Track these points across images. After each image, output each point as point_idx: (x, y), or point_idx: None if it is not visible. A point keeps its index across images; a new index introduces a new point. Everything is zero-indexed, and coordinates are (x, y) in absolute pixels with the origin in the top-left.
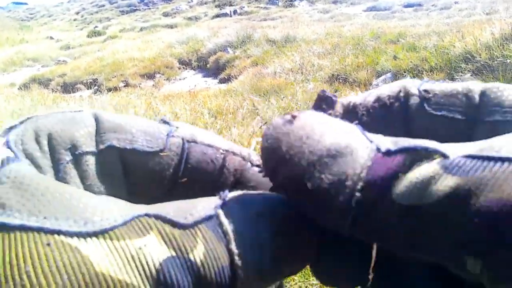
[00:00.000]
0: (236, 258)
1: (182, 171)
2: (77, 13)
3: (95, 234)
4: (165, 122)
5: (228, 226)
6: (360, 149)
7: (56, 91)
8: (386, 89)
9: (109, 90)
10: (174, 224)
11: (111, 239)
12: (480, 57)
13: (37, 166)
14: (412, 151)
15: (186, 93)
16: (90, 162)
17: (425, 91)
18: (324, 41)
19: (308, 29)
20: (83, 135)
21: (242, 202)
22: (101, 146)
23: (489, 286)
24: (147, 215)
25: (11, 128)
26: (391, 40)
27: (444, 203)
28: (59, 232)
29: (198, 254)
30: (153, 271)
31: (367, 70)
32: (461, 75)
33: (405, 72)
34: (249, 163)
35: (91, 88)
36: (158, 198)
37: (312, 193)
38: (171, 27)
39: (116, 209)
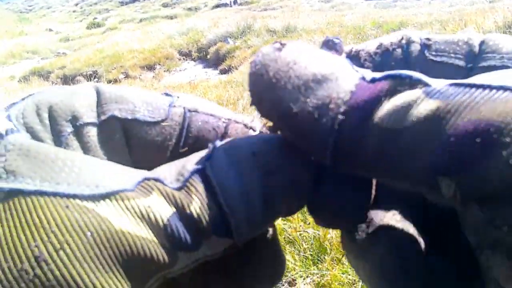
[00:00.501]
0: (225, 208)
1: (184, 140)
2: (76, 4)
3: (107, 195)
4: (167, 94)
5: (213, 178)
6: (346, 76)
7: (56, 84)
8: (388, 37)
9: (109, 82)
10: (168, 185)
11: (122, 200)
12: None
13: (39, 139)
14: (397, 78)
15: (186, 84)
16: (92, 133)
17: (427, 39)
18: (325, 30)
19: (309, 19)
20: (83, 106)
21: (229, 149)
22: (103, 117)
23: (461, 208)
24: (147, 178)
25: (13, 104)
26: (393, 29)
27: (423, 125)
28: (74, 196)
29: (194, 208)
30: (161, 225)
31: None
32: None
33: None
34: (251, 130)
35: (91, 80)
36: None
37: (296, 117)
38: (171, 18)
39: (121, 174)
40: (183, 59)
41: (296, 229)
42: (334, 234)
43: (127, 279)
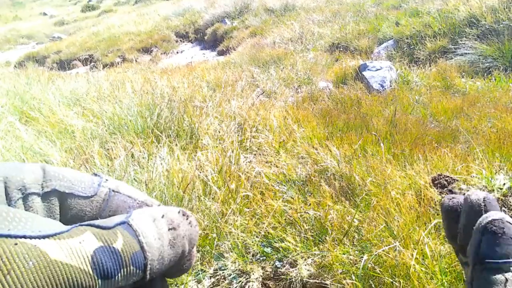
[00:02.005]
0: (144, 245)
1: (104, 212)
2: None
3: (48, 236)
4: (96, 175)
5: (136, 226)
6: None
7: (52, 69)
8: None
9: (106, 65)
10: (100, 227)
11: (59, 239)
12: (485, 21)
13: None
14: None
15: (183, 66)
16: (36, 201)
17: None
18: (324, 8)
19: None
20: (31, 180)
21: (145, 211)
22: (46, 189)
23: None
24: (81, 224)
25: None
26: (393, 5)
27: None
28: (22, 236)
29: (119, 244)
30: (89, 256)
31: (369, 38)
32: (464, 40)
33: (407, 38)
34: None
35: (87, 64)
36: None
37: None
38: None
39: (58, 225)
40: (180, 41)
41: (297, 211)
42: (335, 215)
43: None
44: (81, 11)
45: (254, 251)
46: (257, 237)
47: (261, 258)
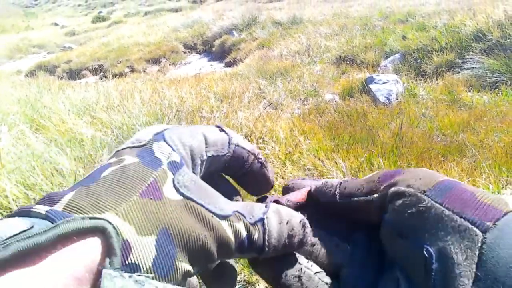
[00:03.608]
0: (266, 242)
1: (229, 162)
2: None
3: (225, 217)
4: (220, 129)
5: (267, 225)
6: None
7: (62, 78)
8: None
9: (115, 75)
10: (248, 222)
11: (230, 221)
12: (492, 35)
13: (185, 162)
14: None
15: (191, 77)
16: (201, 165)
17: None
18: (331, 22)
19: (315, 10)
20: (204, 149)
21: (276, 212)
22: (208, 154)
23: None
24: (237, 211)
25: (157, 134)
26: (400, 19)
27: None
28: (214, 213)
29: (255, 237)
30: (240, 239)
31: (375, 51)
32: (471, 55)
33: (414, 52)
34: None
35: (96, 74)
36: (217, 171)
37: None
38: (176, 10)
39: (226, 202)
40: (188, 52)
41: None
42: None
43: (219, 255)
44: (92, 22)
45: None
46: None
47: None
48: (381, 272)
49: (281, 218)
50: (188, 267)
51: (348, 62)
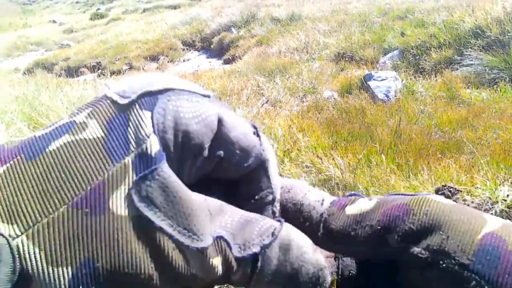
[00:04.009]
0: (253, 282)
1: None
2: None
3: (197, 250)
4: (255, 130)
5: (260, 265)
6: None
7: (60, 75)
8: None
9: (113, 73)
10: (231, 257)
11: (204, 255)
12: (491, 32)
13: (167, 155)
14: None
15: (190, 74)
16: (200, 159)
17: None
18: (330, 18)
19: (314, 7)
20: (207, 140)
21: (286, 247)
22: (211, 153)
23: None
24: (221, 238)
25: (151, 94)
26: (399, 16)
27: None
28: (185, 246)
29: (234, 277)
30: (216, 272)
31: (374, 48)
32: (470, 51)
33: (412, 49)
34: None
35: (95, 72)
36: None
37: None
38: (174, 7)
39: (208, 225)
40: (187, 49)
41: None
42: None
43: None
44: (90, 19)
45: None
46: None
47: None
48: None
49: (286, 257)
50: None
51: (346, 59)
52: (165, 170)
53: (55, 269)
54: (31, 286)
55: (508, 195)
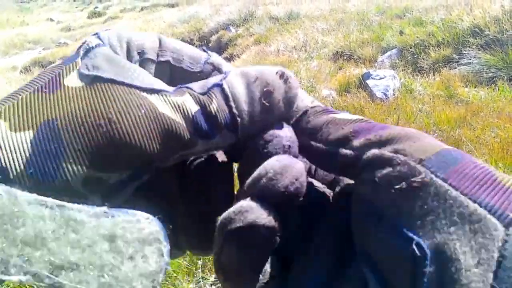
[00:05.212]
0: (234, 109)
1: None
2: None
3: (156, 91)
4: (204, 50)
5: (227, 89)
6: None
7: None
8: None
9: None
10: (197, 92)
11: (165, 96)
12: (489, 30)
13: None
14: None
15: None
16: (150, 67)
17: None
18: (328, 17)
19: (312, 5)
20: (149, 46)
21: (238, 75)
22: (160, 59)
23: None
24: (181, 87)
25: (98, 32)
26: (397, 14)
27: None
28: (135, 87)
29: (213, 107)
30: (190, 116)
31: (372, 46)
32: (468, 50)
33: (411, 47)
34: None
35: None
36: None
37: None
38: (173, 6)
39: (166, 85)
40: None
41: None
42: None
43: (161, 147)
44: (88, 17)
45: None
46: None
47: None
48: (342, 266)
49: (247, 79)
50: (94, 173)
51: (345, 58)
52: (105, 51)
53: (16, 133)
54: None
55: None
